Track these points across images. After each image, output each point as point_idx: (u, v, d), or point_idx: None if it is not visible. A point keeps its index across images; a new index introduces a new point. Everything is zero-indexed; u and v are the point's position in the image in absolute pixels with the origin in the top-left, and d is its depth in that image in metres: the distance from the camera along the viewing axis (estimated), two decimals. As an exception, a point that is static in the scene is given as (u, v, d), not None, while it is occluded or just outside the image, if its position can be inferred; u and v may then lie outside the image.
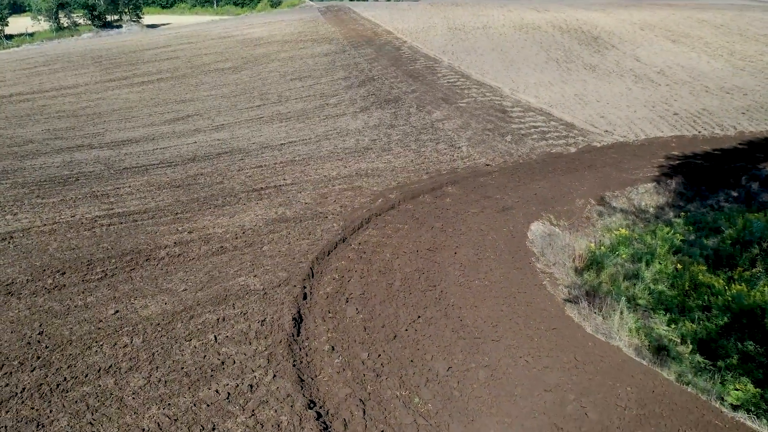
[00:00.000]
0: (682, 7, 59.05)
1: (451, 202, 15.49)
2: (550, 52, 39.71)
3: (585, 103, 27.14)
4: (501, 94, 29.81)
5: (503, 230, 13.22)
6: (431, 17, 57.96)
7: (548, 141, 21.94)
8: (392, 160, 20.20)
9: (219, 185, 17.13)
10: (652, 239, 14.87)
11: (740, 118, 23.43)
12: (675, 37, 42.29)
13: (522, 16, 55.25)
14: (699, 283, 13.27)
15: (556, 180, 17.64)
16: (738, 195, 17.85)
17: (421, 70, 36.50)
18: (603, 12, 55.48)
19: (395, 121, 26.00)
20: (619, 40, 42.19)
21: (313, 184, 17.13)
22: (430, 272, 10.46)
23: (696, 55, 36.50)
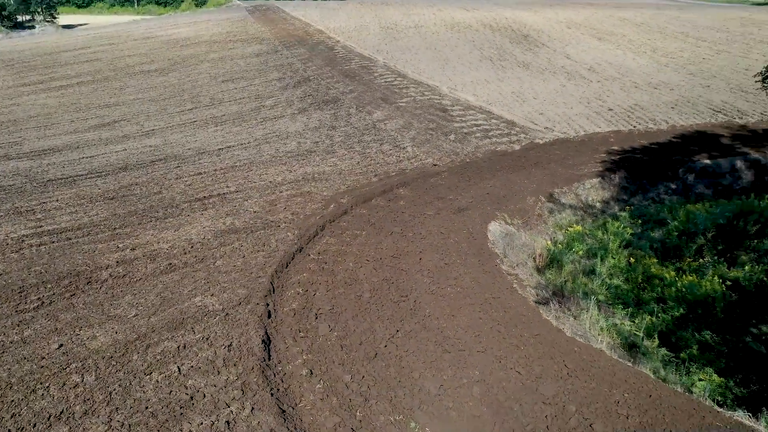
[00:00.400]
0: (603, 6, 61.18)
1: (405, 205, 15.13)
2: (483, 51, 40.13)
3: (523, 101, 27.45)
4: (440, 93, 29.77)
5: (463, 232, 12.97)
6: (363, 16, 57.59)
7: (492, 139, 21.97)
8: (338, 162, 19.67)
9: (157, 195, 16.10)
10: (603, 234, 15.03)
11: (670, 112, 24.25)
12: (600, 35, 43.65)
13: (453, 15, 55.71)
14: (651, 276, 13.48)
15: (506, 178, 17.60)
16: (676, 187, 18.38)
17: (357, 70, 36.04)
18: (530, 11, 56.71)
19: (336, 122, 25.45)
20: (548, 39, 43.14)
21: (259, 191, 16.37)
22: (398, 281, 10.04)
23: (621, 53, 37.75)
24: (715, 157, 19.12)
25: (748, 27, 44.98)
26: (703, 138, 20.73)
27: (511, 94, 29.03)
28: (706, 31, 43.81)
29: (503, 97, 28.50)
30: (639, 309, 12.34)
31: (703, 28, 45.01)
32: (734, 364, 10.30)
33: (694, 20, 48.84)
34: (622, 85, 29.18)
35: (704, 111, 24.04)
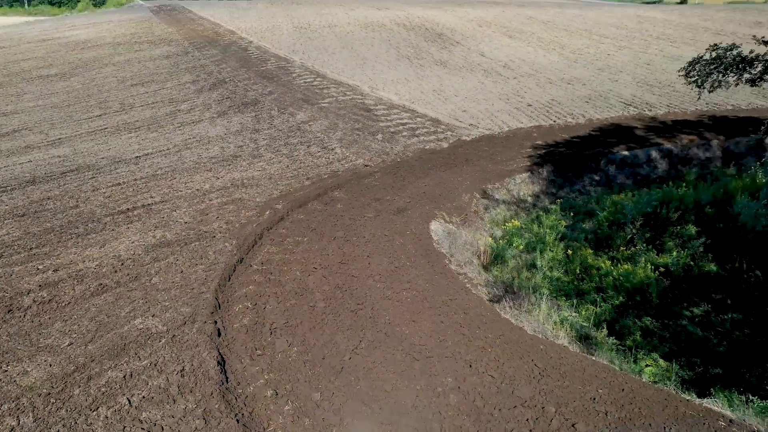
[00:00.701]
0: (509, 4, 63.14)
1: (343, 208, 14.79)
2: (400, 50, 40.29)
3: (445, 99, 27.72)
4: (361, 93, 29.56)
5: (406, 233, 12.81)
6: (274, 16, 56.52)
7: (420, 137, 21.99)
8: (266, 167, 19.05)
9: (74, 210, 14.94)
10: (539, 228, 15.31)
11: (585, 106, 25.20)
12: (511, 33, 44.92)
13: (366, 14, 55.70)
14: (588, 266, 13.85)
15: (438, 176, 17.61)
16: (600, 178, 19.07)
17: (274, 71, 35.25)
18: (441, 10, 57.62)
19: (258, 125, 24.71)
20: (462, 37, 43.92)
21: (186, 200, 15.53)
22: (351, 288, 9.71)
23: (533, 50, 38.97)
24: (632, 148, 19.99)
25: (644, 24, 47.69)
26: (619, 130, 21.65)
27: (432, 92, 29.26)
28: (607, 29, 46.05)
29: (425, 95, 28.67)
30: (581, 300, 12.62)
31: (603, 26, 47.30)
32: (677, 348, 10.70)
33: (595, 18, 51.25)
34: (537, 82, 30.07)
35: (616, 104, 25.15)
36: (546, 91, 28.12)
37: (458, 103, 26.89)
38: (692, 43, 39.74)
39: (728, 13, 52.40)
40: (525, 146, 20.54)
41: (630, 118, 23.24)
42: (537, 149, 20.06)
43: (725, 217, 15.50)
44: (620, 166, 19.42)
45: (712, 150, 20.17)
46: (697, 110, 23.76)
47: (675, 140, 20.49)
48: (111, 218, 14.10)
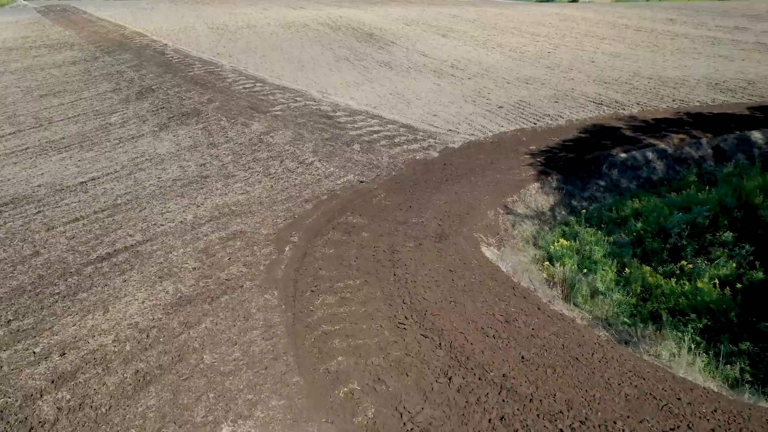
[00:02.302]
0: (422, 3, 62.54)
1: (371, 237, 12.76)
2: (335, 51, 38.19)
3: (407, 102, 26.09)
4: (313, 98, 27.32)
5: (468, 265, 11.03)
6: (183, 16, 52.47)
7: (402, 146, 20.21)
8: (247, 188, 16.59)
9: (37, 259, 11.93)
10: (579, 244, 14.03)
11: (556, 106, 24.45)
12: (442, 31, 44.02)
13: (283, 14, 52.99)
14: (649, 286, 12.70)
15: (450, 191, 15.95)
16: (605, 184, 18.18)
17: (204, 76, 32.15)
18: (359, 9, 55.95)
19: (212, 138, 21.94)
20: (394, 36, 42.47)
21: (176, 237, 12.90)
22: (463, 354, 7.81)
23: (472, 49, 38.19)
24: (628, 150, 19.29)
25: (567, 22, 48.45)
26: (606, 131, 20.95)
27: (390, 95, 27.53)
28: (535, 27, 46.29)
29: (383, 99, 26.88)
30: (659, 325, 11.39)
31: (529, 24, 47.55)
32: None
33: (517, 17, 51.55)
34: (494, 82, 29.13)
35: (586, 104, 24.58)
36: (509, 91, 27.19)
37: (424, 106, 25.32)
38: (621, 40, 40.58)
39: (640, 10, 54.50)
40: (520, 152, 19.30)
41: (609, 117, 22.67)
42: (535, 156, 18.87)
43: (756, 221, 14.93)
44: (622, 170, 18.63)
45: (703, 148, 19.88)
46: (669, 107, 23.62)
47: (666, 140, 20.02)
48: (94, 268, 11.26)
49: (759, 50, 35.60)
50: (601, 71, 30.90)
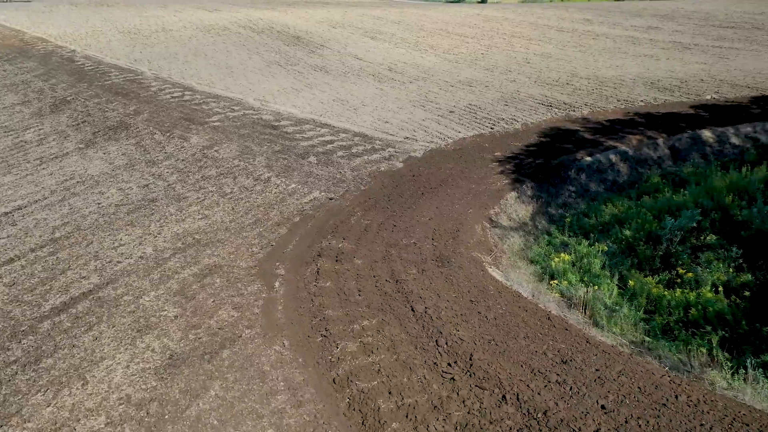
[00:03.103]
0: (342, 5, 61.46)
1: (366, 264, 11.60)
2: (264, 55, 36.41)
3: (354, 109, 24.96)
4: (251, 107, 25.65)
5: (485, 291, 10.12)
6: (88, 20, 48.69)
7: (362, 157, 19.10)
8: (205, 212, 14.97)
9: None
10: (577, 257, 13.48)
11: (508, 110, 24.11)
12: (371, 34, 43.12)
13: (198, 17, 50.31)
14: (653, 298, 12.30)
15: (430, 206, 15.03)
16: (576, 189, 17.87)
17: (125, 85, 29.63)
18: (278, 11, 54.12)
19: (149, 155, 19.95)
20: (322, 39, 41.14)
21: (142, 277, 11.21)
22: (522, 399, 6.87)
23: (405, 51, 37.52)
24: (592, 153, 19.11)
25: (490, 23, 48.87)
26: (565, 135, 20.72)
27: (333, 102, 26.29)
28: (460, 28, 46.31)
29: (327, 106, 25.61)
30: (675, 340, 10.96)
31: (455, 25, 47.54)
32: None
33: (441, 18, 51.50)
34: (437, 85, 28.52)
35: (536, 107, 24.39)
36: (454, 95, 26.63)
37: (373, 113, 24.28)
38: (548, 40, 41.22)
39: (556, 11, 55.91)
40: (487, 160, 18.66)
41: (562, 120, 22.53)
42: (503, 163, 18.29)
43: (732, 222, 14.98)
44: (589, 174, 18.40)
45: (660, 149, 20.03)
46: (617, 108, 23.82)
47: (624, 141, 20.03)
48: (51, 324, 9.45)
49: (678, 49, 37.07)
50: (539, 72, 31.00)
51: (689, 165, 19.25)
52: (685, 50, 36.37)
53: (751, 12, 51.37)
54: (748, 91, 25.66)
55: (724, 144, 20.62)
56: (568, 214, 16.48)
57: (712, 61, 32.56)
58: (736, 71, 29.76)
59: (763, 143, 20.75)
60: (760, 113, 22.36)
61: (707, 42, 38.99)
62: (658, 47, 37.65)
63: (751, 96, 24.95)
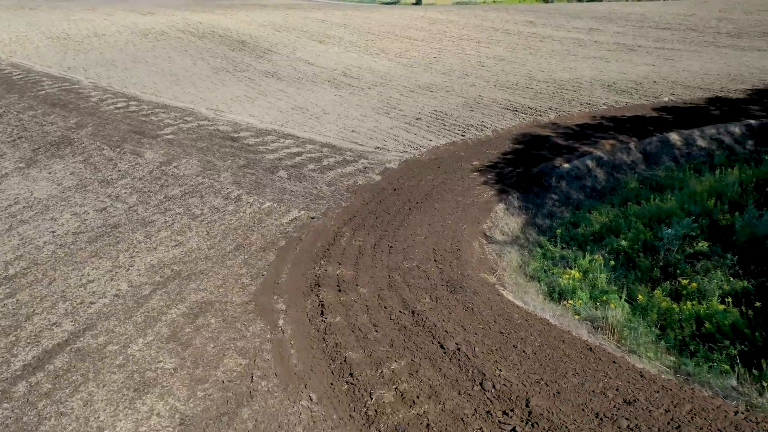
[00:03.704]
0: (286, 8, 59.98)
1: (372, 294, 10.73)
2: (209, 62, 34.74)
3: (316, 118, 23.93)
4: (205, 117, 24.22)
5: (516, 321, 9.45)
6: (10, 24, 45.39)
7: (335, 170, 18.16)
8: (178, 237, 13.73)
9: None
10: (580, 272, 13.03)
11: (475, 116, 23.69)
12: (318, 37, 42.03)
13: (132, 21, 47.79)
14: (663, 312, 11.98)
15: (421, 221, 14.28)
16: (558, 197, 17.55)
17: (61, 95, 27.52)
18: (217, 14, 52.19)
19: (101, 173, 18.38)
20: (269, 44, 39.74)
21: (125, 321, 9.95)
22: None
23: (356, 55, 36.68)
24: (569, 159, 18.86)
25: (436, 25, 48.66)
26: (538, 141, 20.42)
27: (292, 110, 25.17)
28: (408, 31, 45.86)
29: (287, 115, 24.48)
30: (695, 357, 10.64)
31: (401, 28, 47.05)
32: None
33: (386, 20, 50.91)
34: (397, 91, 27.84)
35: (503, 112, 24.08)
36: (417, 101, 26.01)
37: (337, 121, 23.33)
38: (496, 43, 41.29)
39: (498, 13, 56.36)
40: (466, 170, 18.09)
41: (531, 125, 22.27)
42: (484, 173, 17.77)
43: (719, 227, 14.96)
44: (569, 181, 18.13)
45: (632, 153, 20.03)
46: (582, 112, 23.80)
47: (597, 146, 19.91)
48: (28, 387, 8.13)
49: (623, 50, 37.82)
50: (496, 76, 30.82)
51: (663, 169, 19.31)
52: (631, 52, 37.13)
53: (682, 14, 53.34)
54: (701, 93, 26.21)
55: (692, 146, 20.84)
56: (556, 224, 16.09)
57: (659, 62, 33.30)
58: (684, 72, 30.48)
59: (728, 144, 21.12)
60: (719, 115, 22.79)
61: (648, 43, 40.01)
62: (604, 49, 38.30)
63: (705, 97, 25.49)
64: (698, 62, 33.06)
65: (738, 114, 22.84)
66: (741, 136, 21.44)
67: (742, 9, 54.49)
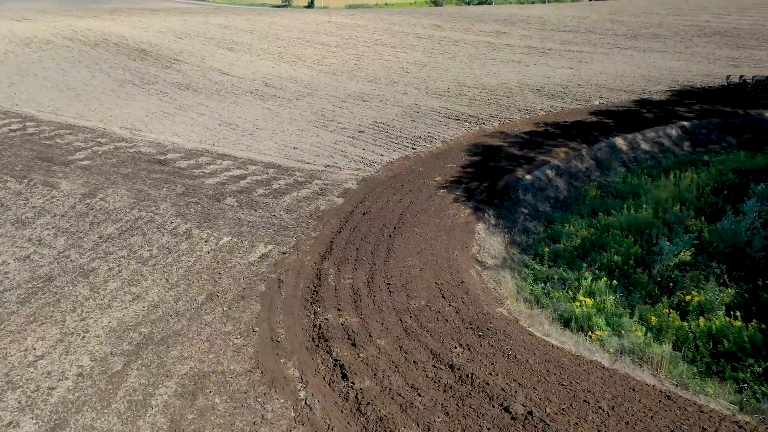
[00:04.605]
0: (177, 13, 56.45)
1: (392, 347, 9.42)
2: (110, 73, 31.51)
3: (249, 134, 22.06)
4: (122, 138, 21.67)
5: (569, 368, 8.53)
6: None
7: (291, 194, 16.59)
8: (134, 289, 11.76)
9: None
10: (591, 298, 12.38)
11: (419, 126, 22.80)
12: (226, 45, 39.58)
13: (8, 28, 42.92)
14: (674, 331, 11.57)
15: (409, 250, 13.09)
16: (528, 211, 16.97)
17: (-60, 118, 23.74)
18: (104, 20, 48.07)
19: (12, 212, 15.83)
20: (173, 52, 36.85)
21: (106, 413, 8.08)
22: None
23: (272, 63, 34.78)
24: (530, 170, 18.39)
25: (346, 30, 47.51)
26: (492, 152, 19.80)
27: (219, 126, 23.10)
28: (318, 36, 44.37)
29: (215, 132, 22.40)
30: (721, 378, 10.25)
31: (311, 33, 45.49)
32: None
33: (291, 25, 49.11)
34: (328, 102, 26.42)
35: (445, 121, 23.37)
36: (353, 111, 24.76)
37: (273, 137, 21.59)
38: (411, 47, 40.78)
39: (402, 16, 56.06)
40: (431, 187, 17.11)
41: (479, 135, 21.71)
42: (450, 190, 16.87)
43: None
44: (534, 193, 17.64)
45: (585, 160, 19.92)
46: (523, 118, 23.56)
47: (552, 154, 19.64)
48: None
49: (536, 53, 38.52)
50: (424, 82, 30.15)
51: (617, 175, 19.30)
52: (544, 55, 37.85)
53: (577, 16, 55.61)
54: (626, 95, 26.87)
55: (636, 150, 21.09)
56: (534, 240, 15.45)
57: (575, 65, 34.08)
58: (601, 75, 31.29)
59: (667, 147, 21.59)
60: (653, 118, 23.32)
61: (557, 46, 41.07)
62: (518, 52, 38.82)
63: (631, 100, 26.13)
64: (610, 64, 34.16)
65: (668, 116, 23.48)
66: (677, 138, 22.00)
67: (628, 12, 57.69)
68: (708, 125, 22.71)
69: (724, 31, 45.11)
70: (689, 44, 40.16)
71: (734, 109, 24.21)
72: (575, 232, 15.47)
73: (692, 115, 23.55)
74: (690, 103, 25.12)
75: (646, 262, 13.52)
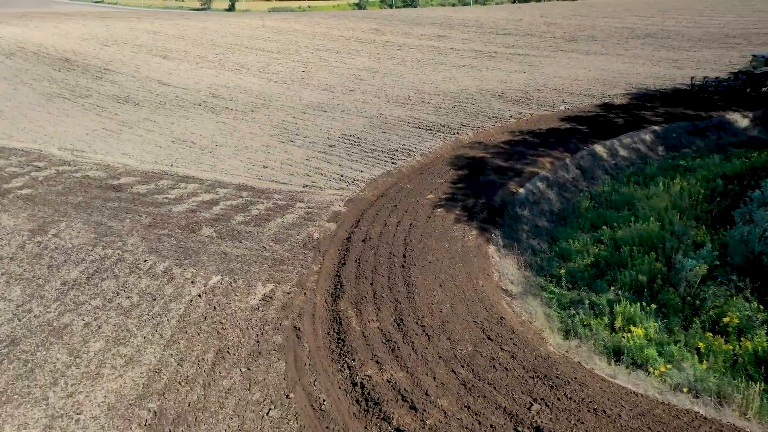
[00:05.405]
0: (94, 18, 52.71)
1: (454, 405, 8.17)
2: (34, 86, 28.46)
3: (209, 152, 20.17)
4: (63, 161, 19.30)
5: (662, 418, 7.58)
6: None
7: (275, 221, 15.00)
8: (126, 351, 10.09)
9: None
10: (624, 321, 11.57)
11: (392, 137, 21.59)
12: (159, 52, 36.92)
13: None
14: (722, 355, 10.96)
15: (425, 284, 11.87)
16: (528, 227, 16.13)
17: None
18: (15, 26, 44.01)
19: (-53, 258, 13.38)
20: (102, 61, 33.92)
21: None
22: None
23: (214, 72, 32.61)
24: (521, 183, 17.58)
25: (283, 35, 45.65)
26: (478, 166, 18.80)
27: (174, 144, 21.05)
28: (256, 41, 42.33)
29: (171, 150, 20.36)
30: None
31: (248, 38, 43.35)
32: None
33: (225, 30, 46.73)
34: (287, 113, 24.78)
35: (417, 131, 22.29)
36: (316, 123, 23.26)
37: (237, 156, 19.79)
38: (356, 52, 39.54)
39: (338, 20, 54.67)
40: (425, 206, 15.95)
41: (457, 146, 20.76)
42: (447, 209, 15.78)
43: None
44: (530, 207, 16.82)
45: (571, 169, 19.34)
46: (495, 127, 22.83)
47: (537, 165, 18.94)
48: None
49: (483, 57, 38.16)
50: (382, 90, 28.97)
51: (604, 184, 18.82)
52: (492, 59, 37.55)
53: (511, 19, 56.07)
54: (589, 100, 26.72)
55: (616, 157, 20.76)
56: (543, 259, 14.56)
57: (528, 69, 33.87)
58: (556, 79, 31.17)
59: (643, 152, 21.41)
60: (624, 123, 23.15)
61: (501, 50, 40.93)
62: (465, 56, 38.35)
63: (595, 104, 25.98)
64: (561, 68, 34.18)
65: (638, 120, 23.40)
66: (652, 143, 21.88)
67: (558, 14, 58.77)
68: (677, 129, 22.77)
69: (653, 33, 46.51)
70: (627, 46, 41.00)
71: (697, 111, 24.45)
72: (584, 248, 14.73)
73: (660, 119, 23.56)
74: (653, 107, 25.20)
75: (670, 279, 12.92)
